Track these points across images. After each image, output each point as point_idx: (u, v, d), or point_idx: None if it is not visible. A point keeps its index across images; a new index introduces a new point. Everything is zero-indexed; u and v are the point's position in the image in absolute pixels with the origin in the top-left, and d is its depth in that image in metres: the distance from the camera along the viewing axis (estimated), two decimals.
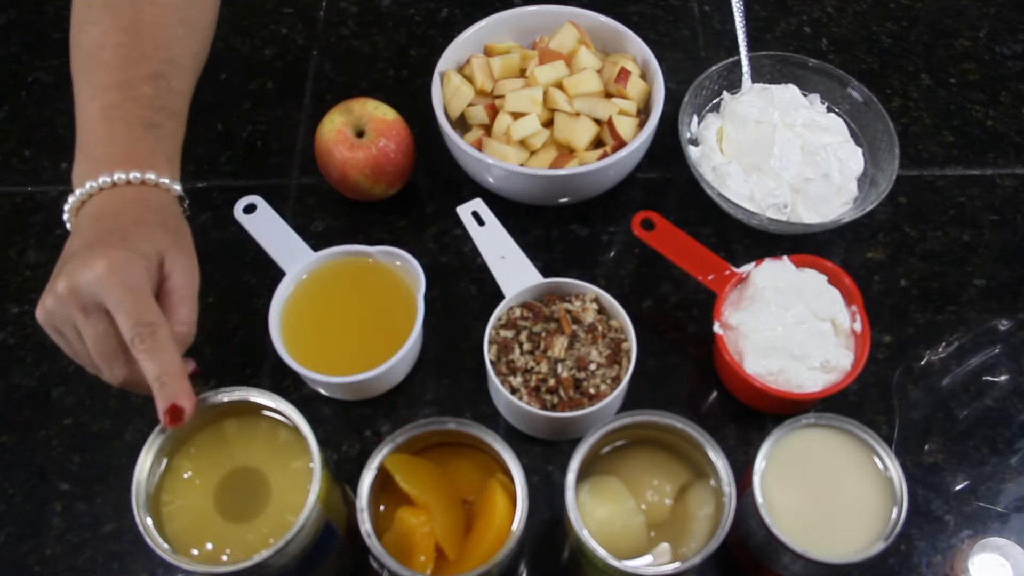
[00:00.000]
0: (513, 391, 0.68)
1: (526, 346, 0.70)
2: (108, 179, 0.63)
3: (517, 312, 0.71)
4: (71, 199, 0.64)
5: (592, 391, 0.68)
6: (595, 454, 0.58)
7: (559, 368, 0.68)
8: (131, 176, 0.63)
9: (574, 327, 0.70)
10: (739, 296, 0.72)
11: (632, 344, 0.69)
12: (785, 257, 0.72)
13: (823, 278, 0.72)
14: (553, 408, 0.67)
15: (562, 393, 0.68)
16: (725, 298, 0.72)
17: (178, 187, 0.67)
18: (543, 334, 0.70)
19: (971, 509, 0.68)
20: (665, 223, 0.74)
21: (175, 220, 0.65)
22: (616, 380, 0.68)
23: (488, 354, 0.69)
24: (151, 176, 0.64)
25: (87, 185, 0.63)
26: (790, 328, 0.69)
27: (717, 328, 0.70)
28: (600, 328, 0.70)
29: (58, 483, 0.70)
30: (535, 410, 0.67)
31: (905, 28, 0.97)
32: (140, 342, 0.57)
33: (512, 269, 0.73)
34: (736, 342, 0.70)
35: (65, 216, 0.65)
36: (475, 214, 0.76)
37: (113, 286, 0.57)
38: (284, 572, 0.55)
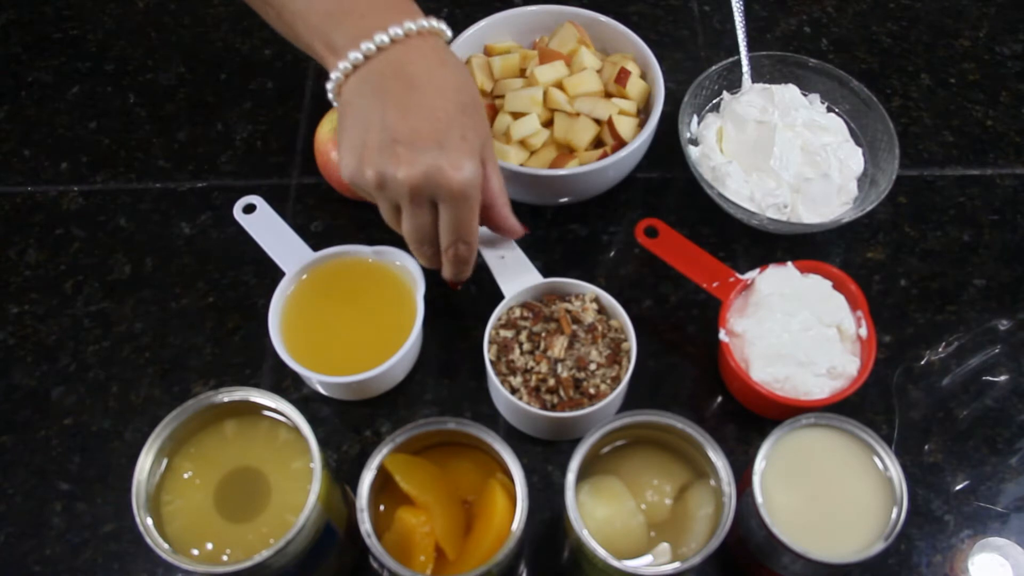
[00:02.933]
0: (513, 391, 0.68)
1: (526, 346, 0.70)
2: (398, 30, 0.59)
3: (517, 312, 0.71)
4: (349, 57, 0.59)
5: (592, 391, 0.68)
6: (595, 454, 0.58)
7: (559, 368, 0.68)
8: (419, 25, 0.60)
9: (574, 327, 0.70)
10: (744, 303, 0.72)
11: (632, 344, 0.69)
12: (790, 263, 0.72)
13: (828, 284, 0.72)
14: (553, 408, 0.67)
15: (562, 393, 0.68)
16: (730, 305, 0.72)
17: (448, 31, 0.63)
18: (543, 334, 0.70)
19: (971, 509, 0.68)
20: (669, 230, 0.74)
21: (474, 87, 0.63)
22: (616, 380, 0.68)
23: (488, 354, 0.69)
24: (434, 23, 0.61)
25: (377, 38, 0.59)
26: (796, 335, 0.68)
27: (723, 335, 0.70)
28: (600, 328, 0.70)
29: (58, 483, 0.70)
30: (535, 410, 0.67)
31: (905, 28, 0.97)
32: (453, 253, 0.63)
33: (512, 269, 0.73)
34: (742, 349, 0.70)
35: (337, 78, 0.61)
36: None
37: (461, 201, 0.59)
38: (284, 572, 0.55)
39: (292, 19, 0.64)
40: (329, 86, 0.62)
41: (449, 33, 0.64)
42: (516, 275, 0.73)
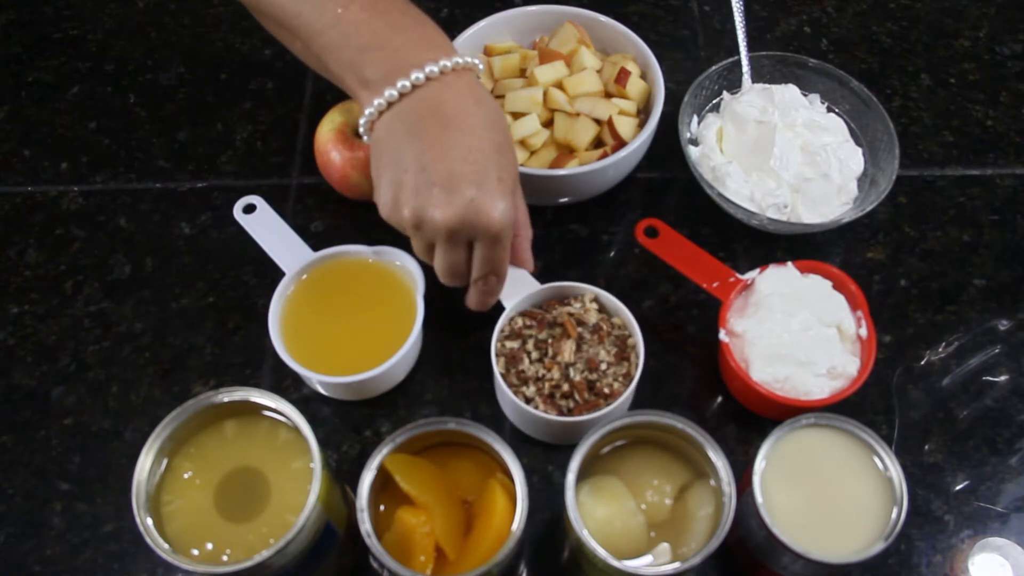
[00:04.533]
0: (528, 401, 0.68)
1: (534, 355, 0.69)
2: (434, 67, 0.59)
3: (519, 322, 0.71)
4: (384, 94, 0.59)
5: (606, 390, 0.68)
6: (595, 454, 0.58)
7: (571, 372, 0.68)
8: (454, 62, 0.60)
9: (579, 329, 0.70)
10: (744, 303, 0.72)
11: (638, 339, 0.69)
12: (790, 263, 0.72)
13: (828, 284, 0.72)
14: (570, 412, 0.67)
15: (577, 397, 0.67)
16: (730, 305, 0.72)
17: (478, 63, 0.63)
18: (549, 340, 0.70)
19: (971, 509, 0.68)
20: (669, 230, 0.74)
21: (505, 126, 0.62)
22: (627, 377, 0.68)
23: (497, 367, 0.69)
24: (468, 59, 0.61)
25: (412, 75, 0.59)
26: (796, 335, 0.68)
27: (723, 336, 0.70)
28: (604, 327, 0.70)
29: (58, 483, 0.70)
30: (553, 417, 0.66)
31: (905, 28, 0.97)
32: (483, 285, 0.64)
33: (508, 279, 0.72)
34: (742, 349, 0.70)
35: (370, 114, 0.61)
36: None
37: (496, 241, 0.60)
38: (284, 572, 0.55)
39: (322, 52, 0.63)
40: (362, 121, 0.62)
41: (481, 67, 0.64)
42: (512, 284, 0.72)
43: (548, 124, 0.80)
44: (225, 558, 0.54)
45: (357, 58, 0.61)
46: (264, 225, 0.75)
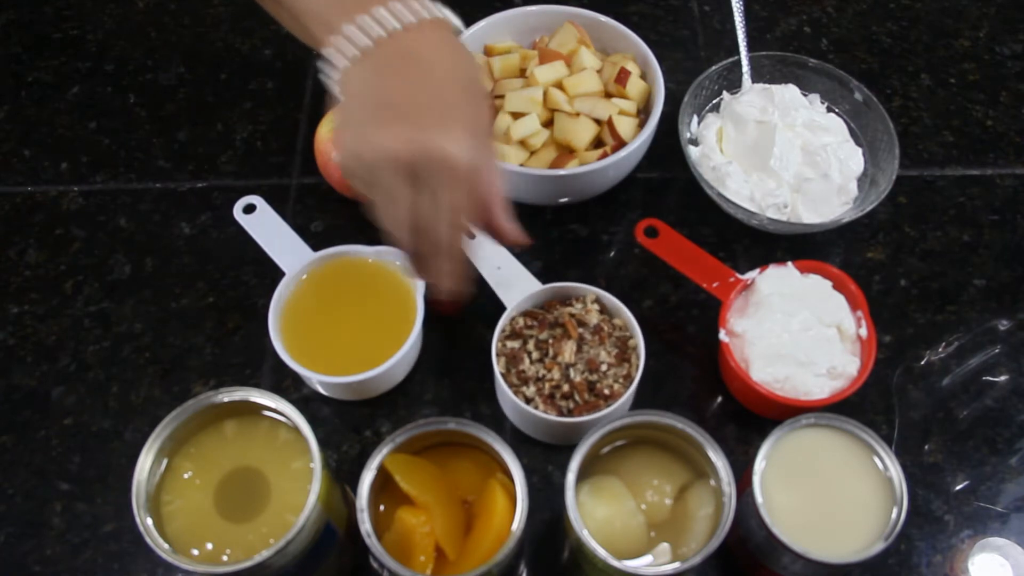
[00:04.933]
0: (528, 401, 0.68)
1: (535, 355, 0.69)
2: (408, 15, 0.56)
3: (521, 322, 0.71)
4: (356, 42, 0.56)
5: (607, 391, 0.68)
6: (595, 454, 0.58)
7: (571, 373, 0.68)
8: (432, 14, 0.57)
9: (580, 330, 0.70)
10: (744, 303, 0.72)
11: (639, 340, 0.69)
12: (790, 263, 0.72)
13: (828, 284, 0.72)
14: (570, 413, 0.67)
15: (577, 397, 0.68)
16: (730, 305, 0.72)
17: (458, 21, 0.60)
18: (550, 341, 0.70)
19: (971, 509, 0.68)
20: (669, 230, 0.74)
21: (483, 86, 0.59)
22: (628, 378, 0.68)
23: (497, 367, 0.69)
24: (447, 13, 0.58)
25: (387, 26, 0.55)
26: (796, 335, 0.68)
27: (723, 336, 0.70)
28: (605, 328, 0.70)
29: (58, 483, 0.70)
30: (553, 418, 0.66)
31: (905, 28, 0.97)
32: (449, 247, 0.57)
33: (509, 279, 0.73)
34: (742, 349, 0.70)
35: (344, 67, 0.57)
36: None
37: (456, 184, 0.54)
38: (284, 572, 0.55)
39: (300, 14, 0.61)
40: (336, 77, 0.58)
41: (459, 24, 0.61)
42: (514, 284, 0.72)
43: (548, 124, 0.80)
44: (225, 558, 0.54)
45: (327, 11, 0.58)
46: (264, 225, 0.75)
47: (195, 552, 0.54)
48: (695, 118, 0.84)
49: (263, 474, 0.57)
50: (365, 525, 0.53)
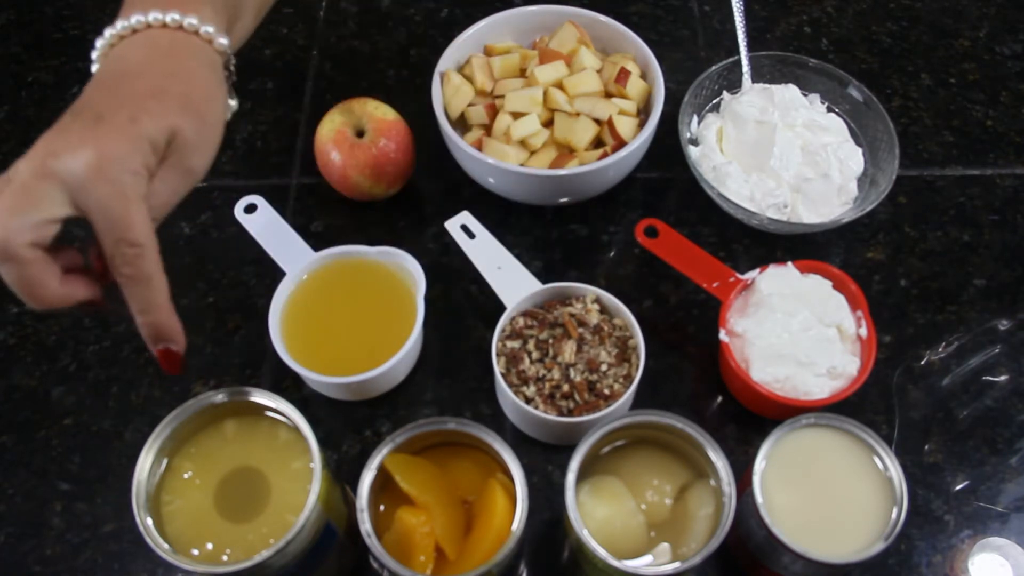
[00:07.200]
0: (528, 401, 0.68)
1: (535, 355, 0.69)
2: (143, 18, 0.54)
3: (520, 322, 0.71)
4: (99, 43, 0.55)
5: (607, 391, 0.68)
6: (595, 454, 0.58)
7: (571, 373, 0.68)
8: (168, 18, 0.54)
9: (580, 330, 0.70)
10: (744, 303, 0.72)
11: (639, 340, 0.69)
12: (790, 263, 0.72)
13: (828, 284, 0.72)
14: (570, 413, 0.67)
15: (577, 397, 0.68)
16: (730, 305, 0.72)
17: (224, 40, 0.56)
18: (550, 341, 0.70)
19: (971, 509, 0.68)
20: (669, 230, 0.75)
21: (204, 89, 0.55)
22: (628, 378, 0.68)
23: (498, 367, 0.69)
24: (192, 21, 0.54)
25: (118, 25, 0.54)
26: (796, 335, 0.68)
27: (723, 336, 0.70)
28: (605, 328, 0.70)
29: (58, 483, 0.70)
30: (553, 418, 0.66)
31: (905, 28, 0.97)
32: (123, 264, 0.50)
33: (510, 279, 0.73)
34: (742, 349, 0.70)
35: (93, 66, 0.55)
36: (464, 227, 0.75)
37: (99, 184, 0.48)
38: (284, 572, 0.55)
39: None
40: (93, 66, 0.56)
41: (215, 36, 0.56)
42: (514, 284, 0.73)
43: (548, 124, 0.80)
44: (225, 558, 0.54)
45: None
46: (264, 225, 0.75)
47: (195, 552, 0.54)
48: (695, 118, 0.84)
49: (263, 474, 0.57)
50: (365, 525, 0.53)
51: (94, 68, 0.55)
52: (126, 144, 0.50)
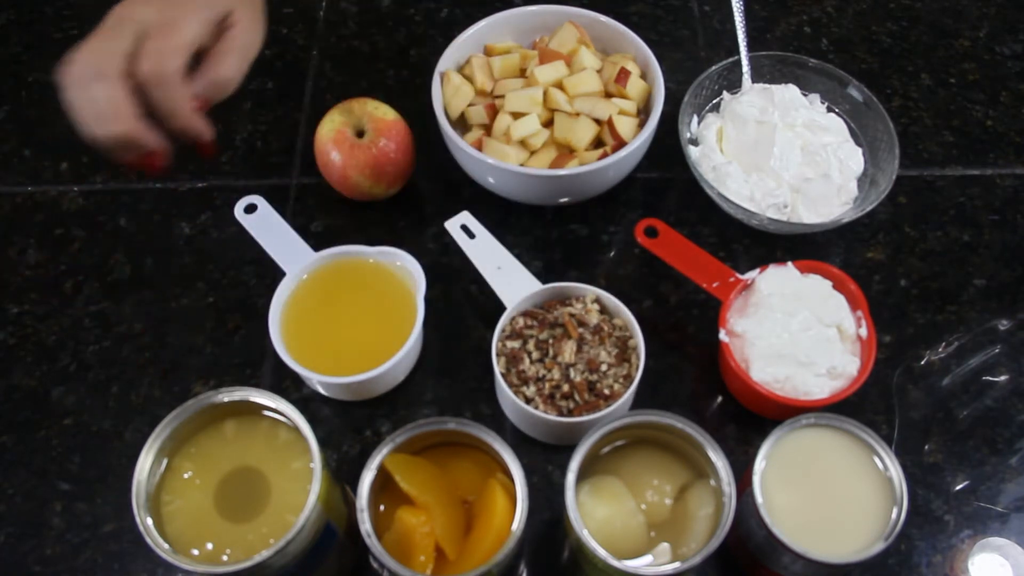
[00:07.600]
0: (528, 401, 0.68)
1: (535, 355, 0.69)
2: None
3: (520, 322, 0.71)
4: None
5: (607, 391, 0.68)
6: (595, 454, 0.58)
7: (571, 373, 0.68)
8: None
9: (580, 330, 0.70)
10: (744, 303, 0.72)
11: (639, 340, 0.69)
12: (790, 263, 0.72)
13: (828, 284, 0.72)
14: (570, 413, 0.67)
15: (577, 397, 0.68)
16: (730, 305, 0.72)
17: None
18: (550, 341, 0.70)
19: (971, 509, 0.68)
20: (668, 230, 0.75)
21: None
22: (628, 378, 0.68)
23: (498, 367, 0.69)
24: None
25: None
26: (796, 335, 0.68)
27: (723, 336, 0.70)
28: (605, 328, 0.70)
29: (58, 483, 0.70)
30: (553, 418, 0.66)
31: (905, 28, 0.97)
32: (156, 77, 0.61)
33: (509, 279, 0.73)
34: (742, 349, 0.70)
35: None
36: (464, 227, 0.75)
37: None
38: (284, 572, 0.55)
39: None
40: None
41: None
42: (514, 284, 0.73)
43: (548, 124, 0.80)
44: (225, 558, 0.54)
45: None
46: (265, 225, 0.75)
47: (195, 552, 0.54)
48: (695, 118, 0.84)
49: (263, 474, 0.57)
50: (365, 525, 0.53)
51: None
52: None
